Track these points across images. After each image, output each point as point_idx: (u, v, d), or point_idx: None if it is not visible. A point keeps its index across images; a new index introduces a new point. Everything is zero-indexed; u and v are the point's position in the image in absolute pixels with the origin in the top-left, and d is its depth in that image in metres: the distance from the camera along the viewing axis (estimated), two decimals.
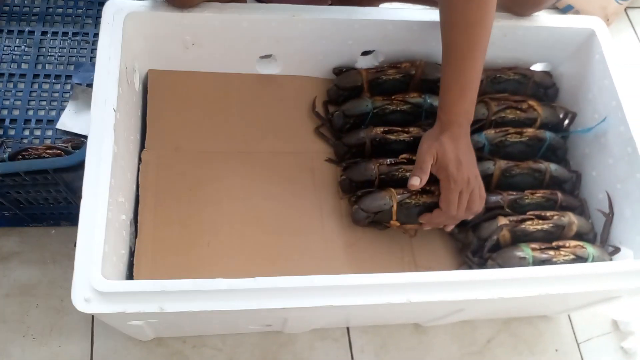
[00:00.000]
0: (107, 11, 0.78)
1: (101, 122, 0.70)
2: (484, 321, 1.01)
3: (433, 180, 0.79)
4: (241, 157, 0.88)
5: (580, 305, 0.94)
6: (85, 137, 0.96)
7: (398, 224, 0.83)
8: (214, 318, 0.76)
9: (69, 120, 1.01)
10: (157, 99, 0.88)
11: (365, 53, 0.94)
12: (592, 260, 0.80)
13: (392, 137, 0.87)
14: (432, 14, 0.87)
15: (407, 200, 0.82)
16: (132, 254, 0.77)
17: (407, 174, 0.84)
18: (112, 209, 0.67)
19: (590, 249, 0.81)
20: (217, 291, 0.62)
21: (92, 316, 0.91)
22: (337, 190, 0.89)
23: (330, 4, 1.01)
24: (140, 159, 0.84)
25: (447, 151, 0.76)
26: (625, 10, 1.46)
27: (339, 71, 0.94)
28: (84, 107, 1.02)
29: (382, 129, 0.87)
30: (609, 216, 0.87)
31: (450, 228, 0.83)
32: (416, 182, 0.78)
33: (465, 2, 0.74)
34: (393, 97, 0.90)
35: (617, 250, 0.84)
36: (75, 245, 0.64)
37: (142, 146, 0.85)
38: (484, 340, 1.00)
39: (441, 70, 0.79)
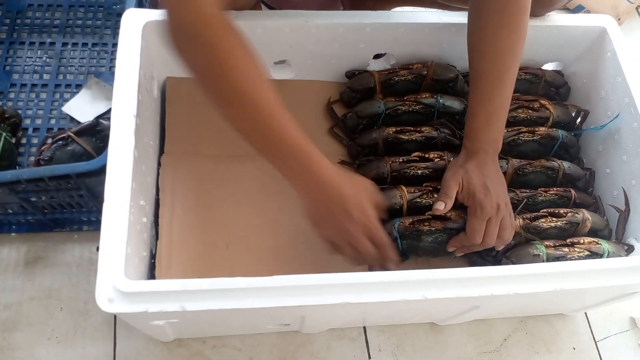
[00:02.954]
0: (125, 20, 0.80)
1: (122, 128, 0.72)
2: (499, 320, 1.01)
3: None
4: (257, 159, 0.88)
5: (597, 303, 0.94)
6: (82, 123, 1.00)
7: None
8: (234, 317, 0.77)
9: (76, 107, 1.04)
10: (175, 105, 0.90)
11: (377, 56, 0.95)
12: (608, 256, 0.80)
13: (404, 136, 0.88)
14: (443, 16, 0.88)
15: (418, 200, 0.83)
16: (153, 256, 0.79)
17: (419, 171, 0.85)
18: (133, 212, 0.69)
19: (605, 245, 0.81)
20: (237, 289, 0.64)
21: (115, 318, 0.93)
22: None
23: (342, 9, 1.03)
24: (159, 163, 0.86)
25: (472, 178, 0.75)
26: (636, 9, 1.46)
27: (351, 74, 0.95)
28: (94, 98, 1.05)
29: (394, 129, 0.88)
30: (625, 212, 0.87)
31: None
32: (441, 207, 0.76)
33: (496, 30, 0.73)
34: (405, 98, 0.91)
35: (631, 248, 0.84)
36: (97, 250, 0.65)
37: (161, 151, 0.88)
38: (500, 339, 1.00)
39: (468, 97, 0.78)
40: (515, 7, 0.73)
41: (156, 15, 0.81)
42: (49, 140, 0.94)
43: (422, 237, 0.81)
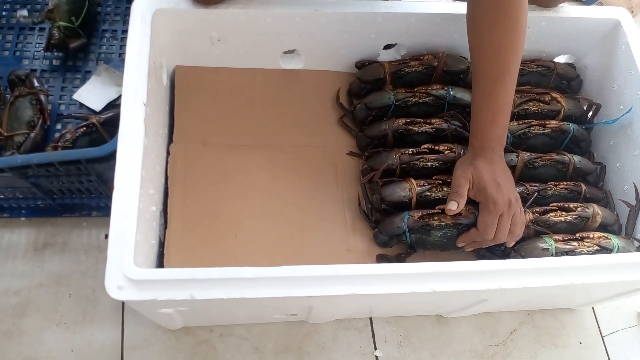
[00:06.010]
0: (135, 8, 0.79)
1: (132, 116, 0.72)
2: (506, 313, 1.01)
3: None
4: (266, 150, 0.90)
5: (604, 298, 0.94)
6: (95, 112, 1.02)
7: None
8: (241, 306, 0.77)
9: (87, 94, 1.05)
10: (184, 94, 0.90)
11: (387, 47, 0.94)
12: (617, 251, 0.80)
13: (414, 128, 0.88)
14: (454, 6, 0.88)
15: (427, 193, 0.82)
16: (161, 245, 0.80)
17: (429, 163, 0.85)
18: (143, 200, 0.69)
19: (615, 240, 0.81)
20: (246, 279, 0.64)
21: (123, 305, 0.94)
22: (359, 178, 0.89)
23: None
24: (168, 152, 0.86)
25: (483, 174, 0.75)
26: None
27: (361, 65, 0.95)
28: (104, 85, 1.05)
29: (404, 121, 0.88)
30: (635, 207, 0.86)
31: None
32: (453, 207, 0.76)
33: (492, 27, 0.73)
34: (415, 90, 0.90)
35: None
36: (106, 237, 0.66)
37: (170, 140, 0.87)
38: (506, 332, 1.00)
39: (472, 95, 0.78)
40: (509, 2, 0.72)
41: (166, 3, 0.81)
42: (70, 126, 0.94)
43: (432, 232, 0.80)
